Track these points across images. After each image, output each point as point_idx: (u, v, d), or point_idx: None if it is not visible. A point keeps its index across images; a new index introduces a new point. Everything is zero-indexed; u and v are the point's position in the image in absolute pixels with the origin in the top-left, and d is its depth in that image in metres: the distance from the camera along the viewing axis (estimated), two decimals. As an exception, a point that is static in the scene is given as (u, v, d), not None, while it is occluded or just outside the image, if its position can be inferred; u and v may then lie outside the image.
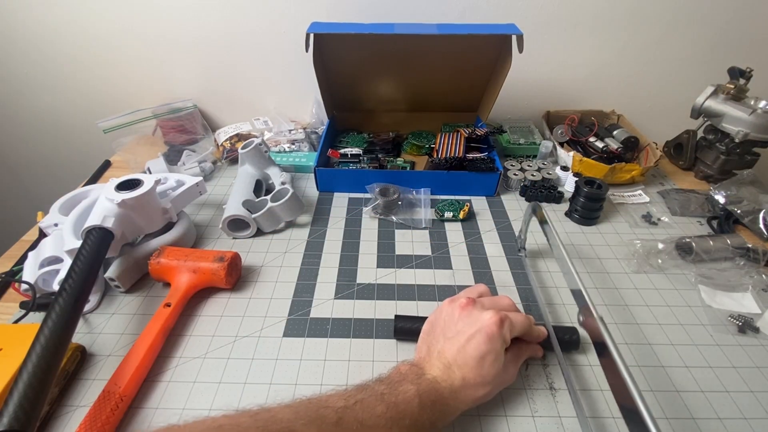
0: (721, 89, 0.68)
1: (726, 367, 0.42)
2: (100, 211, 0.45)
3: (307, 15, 0.75)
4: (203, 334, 0.45)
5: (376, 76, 0.77)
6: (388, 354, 0.43)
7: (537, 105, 0.85)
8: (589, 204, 0.60)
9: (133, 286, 0.51)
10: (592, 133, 0.73)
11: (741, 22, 0.76)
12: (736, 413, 0.38)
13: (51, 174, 1.05)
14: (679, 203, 0.64)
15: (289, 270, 0.54)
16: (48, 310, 0.36)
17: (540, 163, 0.73)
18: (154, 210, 0.50)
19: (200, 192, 0.58)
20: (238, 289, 0.50)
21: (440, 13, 0.76)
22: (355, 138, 0.79)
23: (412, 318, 0.44)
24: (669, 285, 0.51)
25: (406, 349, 0.43)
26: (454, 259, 0.55)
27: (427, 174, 0.68)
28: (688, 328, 0.46)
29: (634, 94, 0.85)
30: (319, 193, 0.69)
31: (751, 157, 0.69)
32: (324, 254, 0.56)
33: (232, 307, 0.48)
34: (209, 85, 0.87)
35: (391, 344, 0.44)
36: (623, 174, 0.67)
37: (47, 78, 0.87)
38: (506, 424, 0.37)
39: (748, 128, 0.65)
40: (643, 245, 0.54)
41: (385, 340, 0.44)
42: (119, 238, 0.45)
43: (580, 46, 0.79)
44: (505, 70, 0.65)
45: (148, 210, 0.49)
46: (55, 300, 0.36)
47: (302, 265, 0.54)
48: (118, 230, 0.45)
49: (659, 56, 0.80)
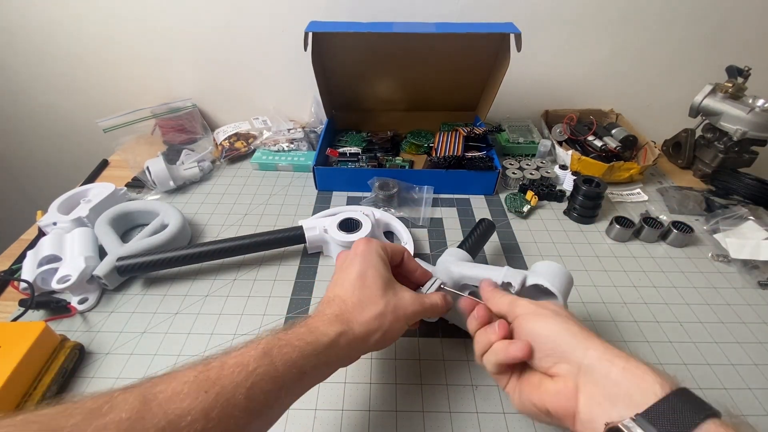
0: (719, 88, 0.68)
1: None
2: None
3: (306, 14, 0.75)
4: (201, 332, 0.45)
5: (375, 76, 0.77)
6: (388, 351, 0.43)
7: (536, 104, 0.85)
8: (587, 202, 0.60)
9: (126, 285, 0.51)
10: (591, 132, 0.73)
11: (739, 21, 0.76)
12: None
13: (49, 173, 1.05)
14: (677, 201, 0.64)
15: (288, 268, 0.54)
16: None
17: (539, 161, 0.73)
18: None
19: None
20: (234, 293, 0.51)
21: (439, 13, 0.76)
22: (354, 137, 0.79)
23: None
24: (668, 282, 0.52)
25: (401, 345, 0.43)
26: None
27: (426, 173, 0.68)
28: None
29: (632, 93, 0.85)
30: (318, 192, 0.69)
31: (750, 156, 0.69)
32: (322, 253, 0.56)
33: (229, 305, 0.48)
34: (208, 85, 0.87)
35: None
36: (622, 173, 0.67)
37: (46, 77, 0.87)
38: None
39: (746, 127, 0.65)
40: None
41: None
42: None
43: (579, 45, 0.79)
44: (503, 68, 0.65)
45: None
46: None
47: (300, 264, 0.54)
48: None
49: (657, 55, 0.80)
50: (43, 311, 0.46)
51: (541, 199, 0.66)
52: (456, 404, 0.38)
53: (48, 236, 0.52)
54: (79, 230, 0.53)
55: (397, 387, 0.40)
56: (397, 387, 0.40)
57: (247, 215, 0.64)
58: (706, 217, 0.62)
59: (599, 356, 0.26)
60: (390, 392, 0.39)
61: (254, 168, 0.75)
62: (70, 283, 0.45)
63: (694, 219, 0.62)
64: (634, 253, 0.57)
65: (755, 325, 0.47)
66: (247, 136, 0.80)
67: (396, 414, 0.38)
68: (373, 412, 0.38)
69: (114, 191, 0.62)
